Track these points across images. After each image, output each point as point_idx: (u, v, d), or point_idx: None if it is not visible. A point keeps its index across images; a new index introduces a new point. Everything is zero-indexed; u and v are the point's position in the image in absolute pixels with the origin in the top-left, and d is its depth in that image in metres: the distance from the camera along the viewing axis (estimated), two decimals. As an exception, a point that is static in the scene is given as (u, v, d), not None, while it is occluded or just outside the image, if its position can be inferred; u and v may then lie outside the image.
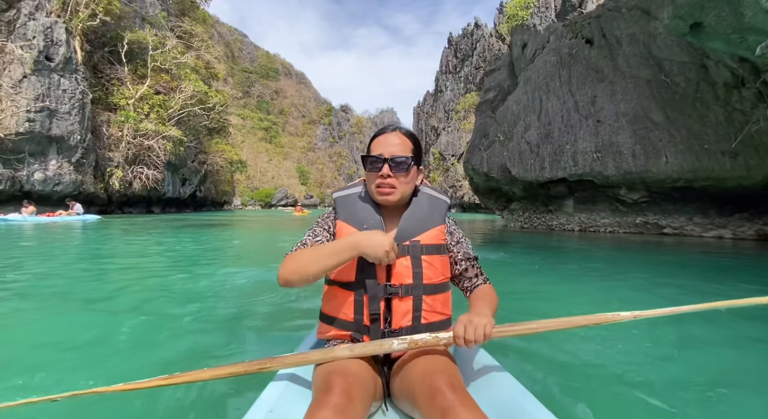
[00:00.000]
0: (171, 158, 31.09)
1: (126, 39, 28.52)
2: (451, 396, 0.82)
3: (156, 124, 29.59)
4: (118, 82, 29.33)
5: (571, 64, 13.09)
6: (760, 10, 6.66)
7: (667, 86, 10.88)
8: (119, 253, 7.13)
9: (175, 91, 32.50)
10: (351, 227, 1.16)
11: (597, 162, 11.62)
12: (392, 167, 1.12)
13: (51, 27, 22.13)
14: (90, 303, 3.21)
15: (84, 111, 23.77)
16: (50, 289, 3.69)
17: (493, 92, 16.77)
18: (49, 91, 21.72)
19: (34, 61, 21.04)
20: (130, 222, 17.21)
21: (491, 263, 6.04)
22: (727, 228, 10.50)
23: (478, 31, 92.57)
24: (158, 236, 10.36)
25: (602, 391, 1.71)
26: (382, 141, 1.16)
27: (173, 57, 32.55)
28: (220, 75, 46.21)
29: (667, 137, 10.52)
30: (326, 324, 1.17)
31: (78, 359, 2.02)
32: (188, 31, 38.30)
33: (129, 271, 5.07)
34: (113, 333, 2.45)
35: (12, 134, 20.02)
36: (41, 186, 21.69)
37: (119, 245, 8.35)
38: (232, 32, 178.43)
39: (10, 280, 4.05)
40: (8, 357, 2.03)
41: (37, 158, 21.67)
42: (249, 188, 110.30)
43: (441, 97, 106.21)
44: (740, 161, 9.45)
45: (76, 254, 6.61)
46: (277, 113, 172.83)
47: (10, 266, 4.94)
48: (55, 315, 2.87)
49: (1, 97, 20.03)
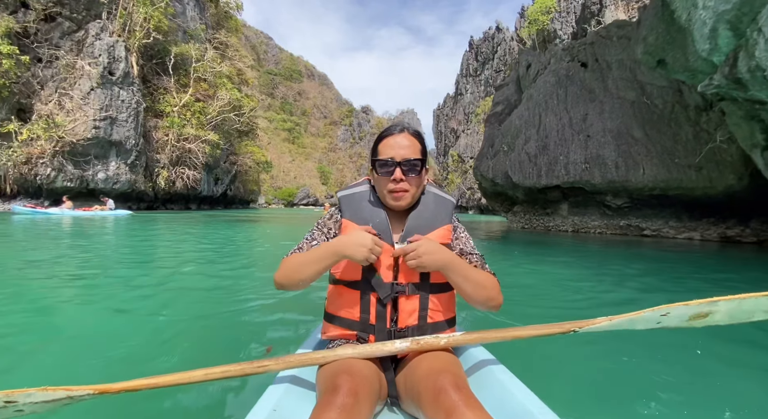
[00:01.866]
0: (208, 160, 34.23)
1: (173, 53, 31.74)
2: (455, 395, 0.82)
3: (196, 128, 32.75)
4: (164, 91, 32.62)
5: (568, 85, 14.87)
6: (699, 57, 8.52)
7: (647, 107, 12.58)
8: (145, 246, 7.60)
9: (212, 98, 35.68)
10: (356, 225, 1.15)
11: (586, 172, 13.40)
12: (405, 171, 1.10)
13: (113, 46, 25.37)
14: (104, 298, 3.31)
15: (138, 118, 26.97)
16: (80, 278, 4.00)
17: (501, 106, 18.66)
18: (111, 101, 24.95)
19: (99, 76, 24.28)
20: (171, 217, 19.26)
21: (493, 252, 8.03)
22: (696, 231, 12.11)
23: (499, 35, 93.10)
24: (190, 230, 11.42)
25: (605, 391, 1.71)
26: (392, 143, 1.12)
27: (211, 67, 35.71)
28: (250, 81, 49.42)
29: (644, 152, 12.22)
30: (331, 323, 1.16)
31: (74, 354, 2.06)
32: (224, 42, 41.56)
33: (143, 265, 5.21)
34: (106, 330, 2.49)
35: (82, 140, 23.30)
36: (103, 184, 24.94)
37: (147, 239, 8.93)
38: (258, 35, 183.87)
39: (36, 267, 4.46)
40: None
41: (100, 160, 24.94)
42: (272, 188, 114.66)
43: (461, 99, 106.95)
44: (704, 173, 11.09)
45: (112, 245, 7.41)
46: (300, 113, 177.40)
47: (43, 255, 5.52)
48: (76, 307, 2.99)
49: (73, 107, 23.34)
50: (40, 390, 0.80)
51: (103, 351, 2.10)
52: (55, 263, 5.01)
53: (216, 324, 2.63)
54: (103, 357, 2.01)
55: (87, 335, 2.40)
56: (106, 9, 25.99)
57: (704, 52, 8.20)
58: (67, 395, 0.84)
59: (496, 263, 6.07)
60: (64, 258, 5.45)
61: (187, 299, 3.35)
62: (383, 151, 1.13)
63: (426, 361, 1.00)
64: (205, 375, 0.93)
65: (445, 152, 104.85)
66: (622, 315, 1.01)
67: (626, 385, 1.77)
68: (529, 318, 2.93)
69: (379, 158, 1.13)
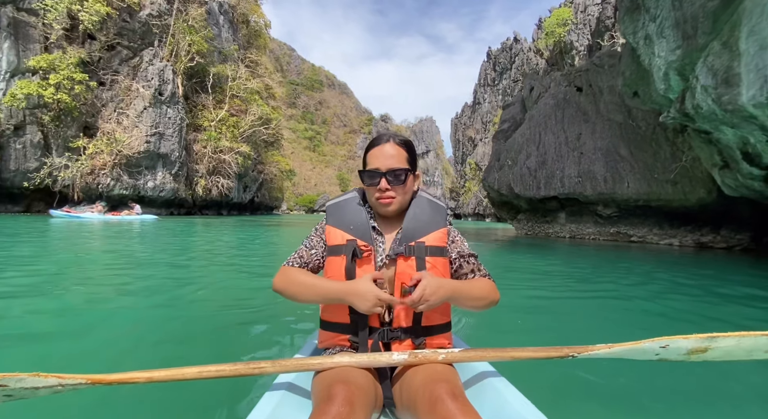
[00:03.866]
0: (240, 169, 37.33)
1: (211, 73, 35.14)
2: (452, 405, 0.82)
3: (230, 141, 35.94)
4: (202, 107, 36.04)
5: (565, 107, 16.73)
6: (659, 93, 10.42)
7: (632, 128, 14.32)
8: (180, 247, 8.13)
9: (244, 113, 38.93)
10: (338, 230, 1.17)
11: (579, 185, 15.18)
12: (390, 180, 1.13)
13: (163, 69, 28.75)
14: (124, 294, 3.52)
15: (181, 133, 30.22)
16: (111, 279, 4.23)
17: (507, 123, 20.59)
18: (160, 119, 28.26)
19: (151, 97, 27.63)
20: (206, 222, 21.45)
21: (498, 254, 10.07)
22: (676, 238, 13.69)
23: (516, 46, 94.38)
24: (217, 233, 12.53)
25: (603, 402, 1.73)
26: (378, 154, 1.14)
27: (243, 84, 39.03)
28: (277, 95, 52.84)
29: (629, 168, 13.94)
30: (326, 330, 1.17)
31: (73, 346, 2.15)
32: (254, 61, 45.03)
33: (156, 266, 5.32)
34: (96, 324, 2.58)
35: (136, 153, 26.58)
36: (152, 192, 28.14)
37: (181, 241, 9.83)
38: (281, 47, 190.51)
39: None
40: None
41: (150, 171, 28.18)
42: (294, 194, 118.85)
43: (479, 108, 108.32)
44: (679, 187, 12.73)
45: (157, 246, 8.14)
46: (321, 122, 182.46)
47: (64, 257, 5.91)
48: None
49: (129, 125, 26.69)
50: (32, 375, 0.78)
51: (102, 343, 2.21)
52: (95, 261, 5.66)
53: (217, 325, 2.67)
54: (101, 348, 2.10)
55: (104, 326, 2.55)
56: (158, 37, 29.50)
57: (662, 90, 10.12)
58: (59, 382, 0.82)
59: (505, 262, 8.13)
60: (105, 255, 6.27)
61: (197, 299, 3.47)
62: (370, 161, 1.15)
63: (423, 370, 1.00)
64: (199, 373, 0.93)
65: (463, 160, 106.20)
66: (621, 343, 1.02)
67: (625, 398, 1.78)
68: (528, 317, 3.30)
69: (366, 169, 1.15)
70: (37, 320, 2.68)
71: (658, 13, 9.65)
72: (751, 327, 1.42)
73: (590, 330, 3.04)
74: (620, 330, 3.02)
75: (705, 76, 8.44)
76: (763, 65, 7.10)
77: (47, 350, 2.10)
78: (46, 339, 2.27)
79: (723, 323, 3.29)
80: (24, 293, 3.37)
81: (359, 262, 1.12)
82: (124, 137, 26.01)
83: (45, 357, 1.99)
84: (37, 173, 23.16)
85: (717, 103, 8.25)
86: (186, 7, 32.21)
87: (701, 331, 0.99)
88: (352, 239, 1.14)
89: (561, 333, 2.89)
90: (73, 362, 1.94)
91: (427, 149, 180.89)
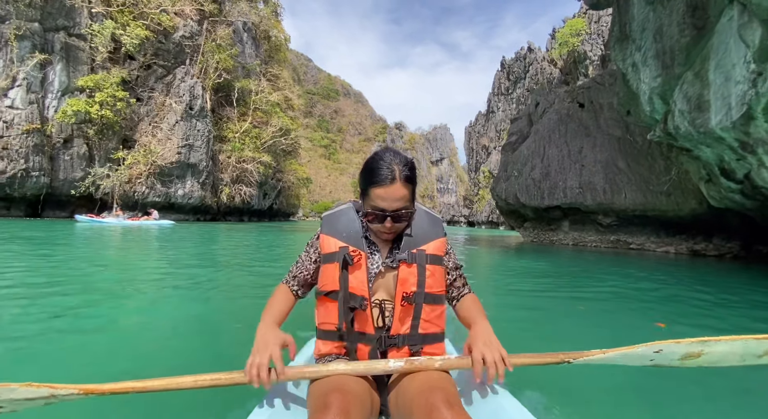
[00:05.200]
0: (261, 178, 39.35)
1: (236, 88, 37.45)
2: (448, 413, 0.83)
3: (253, 151, 38.04)
4: (227, 119, 38.32)
5: (568, 122, 17.85)
6: (646, 114, 11.54)
7: (630, 143, 15.34)
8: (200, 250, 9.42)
9: (266, 124, 41.10)
10: (332, 238, 1.18)
11: (580, 195, 16.22)
12: (394, 219, 1.12)
13: (193, 86, 31.07)
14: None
15: (208, 144, 32.38)
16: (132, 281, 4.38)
17: (515, 136, 21.76)
18: (190, 131, 30.46)
19: (182, 111, 29.89)
20: (229, 227, 22.78)
21: (507, 259, 11.27)
22: (672, 245, 14.56)
23: (530, 55, 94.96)
24: (247, 235, 15.12)
25: (599, 409, 1.74)
26: (385, 195, 1.10)
27: (265, 98, 41.28)
28: (296, 107, 55.13)
29: (626, 180, 14.94)
30: (322, 339, 1.17)
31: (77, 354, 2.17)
32: (275, 75, 47.41)
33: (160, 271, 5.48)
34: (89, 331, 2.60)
35: (168, 163, 28.77)
36: (181, 199, 30.25)
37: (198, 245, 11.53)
38: (298, 57, 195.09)
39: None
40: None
41: (180, 180, 30.32)
42: (310, 201, 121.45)
43: (492, 117, 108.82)
44: (672, 198, 13.67)
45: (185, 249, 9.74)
46: (336, 131, 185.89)
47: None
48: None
49: (162, 137, 28.94)
50: (24, 385, 0.77)
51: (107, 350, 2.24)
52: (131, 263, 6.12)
53: (216, 330, 2.73)
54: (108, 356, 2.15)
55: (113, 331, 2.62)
56: (189, 56, 31.92)
57: (648, 111, 11.27)
58: (51, 393, 0.80)
59: (508, 268, 9.33)
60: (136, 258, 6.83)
61: (200, 301, 3.59)
62: (376, 199, 1.11)
63: (419, 378, 1.00)
64: (195, 382, 0.92)
65: (477, 169, 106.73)
66: (615, 349, 1.02)
67: (620, 405, 1.79)
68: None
69: (371, 210, 1.13)
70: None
71: (642, 44, 10.86)
72: (740, 330, 1.71)
73: (583, 334, 3.13)
74: (613, 334, 3.13)
75: (681, 102, 9.59)
76: (728, 94, 8.25)
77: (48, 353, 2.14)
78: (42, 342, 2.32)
79: (713, 329, 3.38)
80: (58, 293, 3.67)
81: (351, 269, 1.13)
82: (158, 149, 28.25)
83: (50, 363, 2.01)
84: (82, 182, 25.49)
85: (692, 125, 9.38)
86: (214, 28, 34.67)
87: (692, 334, 1.03)
88: (344, 246, 1.15)
89: (555, 339, 2.97)
90: (70, 370, 1.96)
91: (441, 157, 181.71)
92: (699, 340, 0.96)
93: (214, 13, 33.90)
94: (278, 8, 52.92)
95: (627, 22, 11.54)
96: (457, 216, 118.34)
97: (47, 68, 24.03)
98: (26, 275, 4.55)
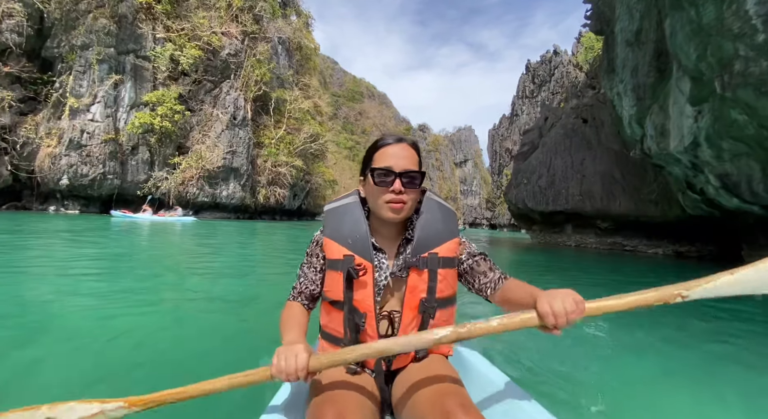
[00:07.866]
0: (293, 181, 42.79)
1: (273, 98, 41.06)
2: (465, 418, 0.83)
3: (286, 156, 41.53)
4: (264, 127, 42.00)
5: (572, 136, 19.86)
6: (626, 133, 13.65)
7: (625, 156, 17.27)
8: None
9: (298, 131, 44.56)
10: (336, 243, 1.08)
11: (580, 202, 18.26)
12: (404, 183, 1.04)
13: (237, 98, 34.76)
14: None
15: (248, 150, 36.00)
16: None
17: (527, 147, 23.85)
18: (233, 139, 34.14)
19: (227, 121, 33.58)
20: (268, 225, 25.64)
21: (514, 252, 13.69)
22: (660, 248, 16.39)
23: (556, 58, 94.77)
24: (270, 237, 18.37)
25: (617, 403, 1.76)
26: (390, 152, 1.05)
27: (299, 107, 44.77)
28: (324, 113, 58.55)
29: (620, 189, 16.88)
30: (327, 340, 1.13)
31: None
32: (306, 84, 50.93)
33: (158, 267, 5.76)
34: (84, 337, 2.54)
35: (215, 168, 32.50)
36: (225, 200, 33.95)
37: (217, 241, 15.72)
38: (324, 61, 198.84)
39: None
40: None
41: (224, 182, 34.05)
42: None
43: (516, 120, 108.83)
44: (659, 206, 15.56)
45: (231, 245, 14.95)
46: (360, 132, 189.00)
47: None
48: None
49: (210, 145, 32.71)
50: (80, 402, 0.80)
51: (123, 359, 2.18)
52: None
53: (228, 333, 2.78)
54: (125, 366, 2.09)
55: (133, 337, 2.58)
56: (233, 71, 35.67)
57: (629, 133, 13.42)
58: (101, 409, 0.82)
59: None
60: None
61: (205, 302, 3.71)
62: (380, 159, 1.06)
63: (429, 384, 0.97)
64: (230, 382, 0.88)
65: (500, 171, 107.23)
66: (746, 266, 0.80)
67: (649, 406, 1.80)
68: None
69: (378, 166, 1.04)
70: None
71: (624, 77, 13.06)
72: (709, 318, 2.89)
73: (581, 327, 3.22)
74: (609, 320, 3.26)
75: (651, 128, 11.80)
76: (682, 125, 10.46)
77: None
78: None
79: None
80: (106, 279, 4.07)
81: (356, 283, 1.04)
82: (207, 154, 32.03)
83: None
84: (145, 184, 29.53)
85: (659, 148, 11.57)
86: (255, 44, 38.33)
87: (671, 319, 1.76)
88: (350, 255, 1.05)
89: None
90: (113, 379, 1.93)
91: (465, 159, 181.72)
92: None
93: (255, 32, 37.57)
94: (309, 19, 56.53)
95: (613, 58, 13.71)
96: (480, 218, 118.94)
97: (119, 86, 28.14)
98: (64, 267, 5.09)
